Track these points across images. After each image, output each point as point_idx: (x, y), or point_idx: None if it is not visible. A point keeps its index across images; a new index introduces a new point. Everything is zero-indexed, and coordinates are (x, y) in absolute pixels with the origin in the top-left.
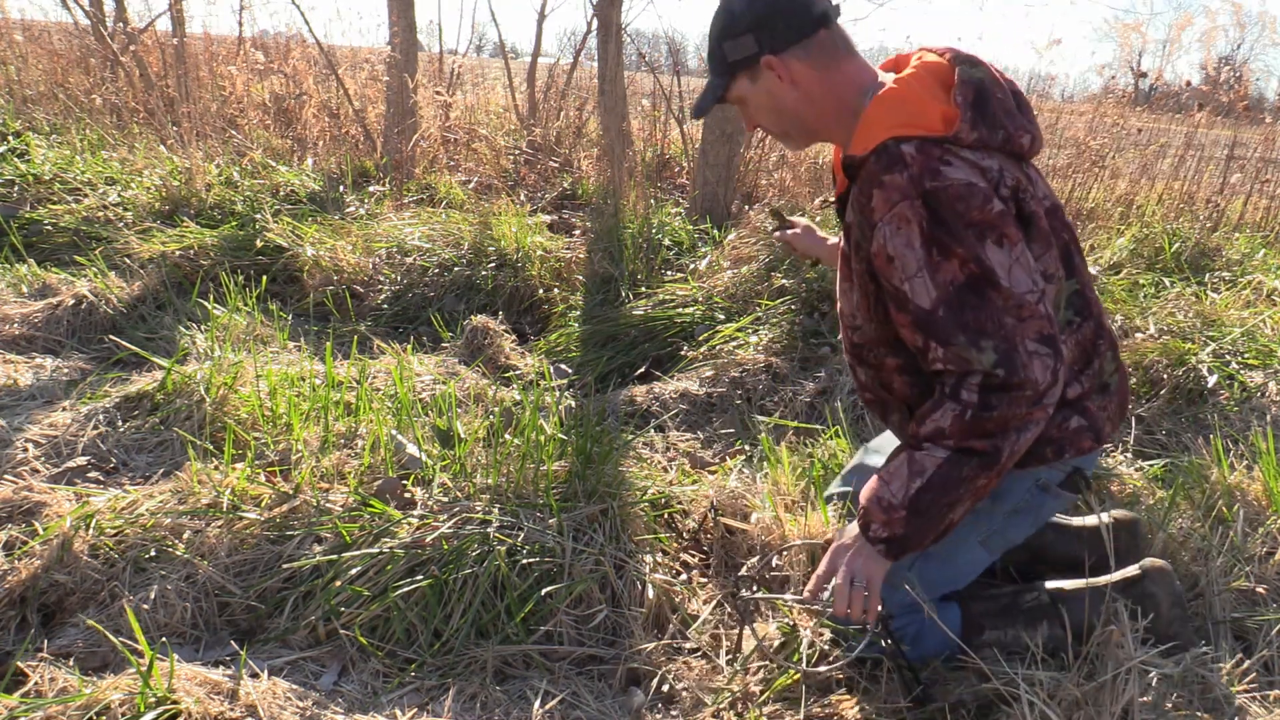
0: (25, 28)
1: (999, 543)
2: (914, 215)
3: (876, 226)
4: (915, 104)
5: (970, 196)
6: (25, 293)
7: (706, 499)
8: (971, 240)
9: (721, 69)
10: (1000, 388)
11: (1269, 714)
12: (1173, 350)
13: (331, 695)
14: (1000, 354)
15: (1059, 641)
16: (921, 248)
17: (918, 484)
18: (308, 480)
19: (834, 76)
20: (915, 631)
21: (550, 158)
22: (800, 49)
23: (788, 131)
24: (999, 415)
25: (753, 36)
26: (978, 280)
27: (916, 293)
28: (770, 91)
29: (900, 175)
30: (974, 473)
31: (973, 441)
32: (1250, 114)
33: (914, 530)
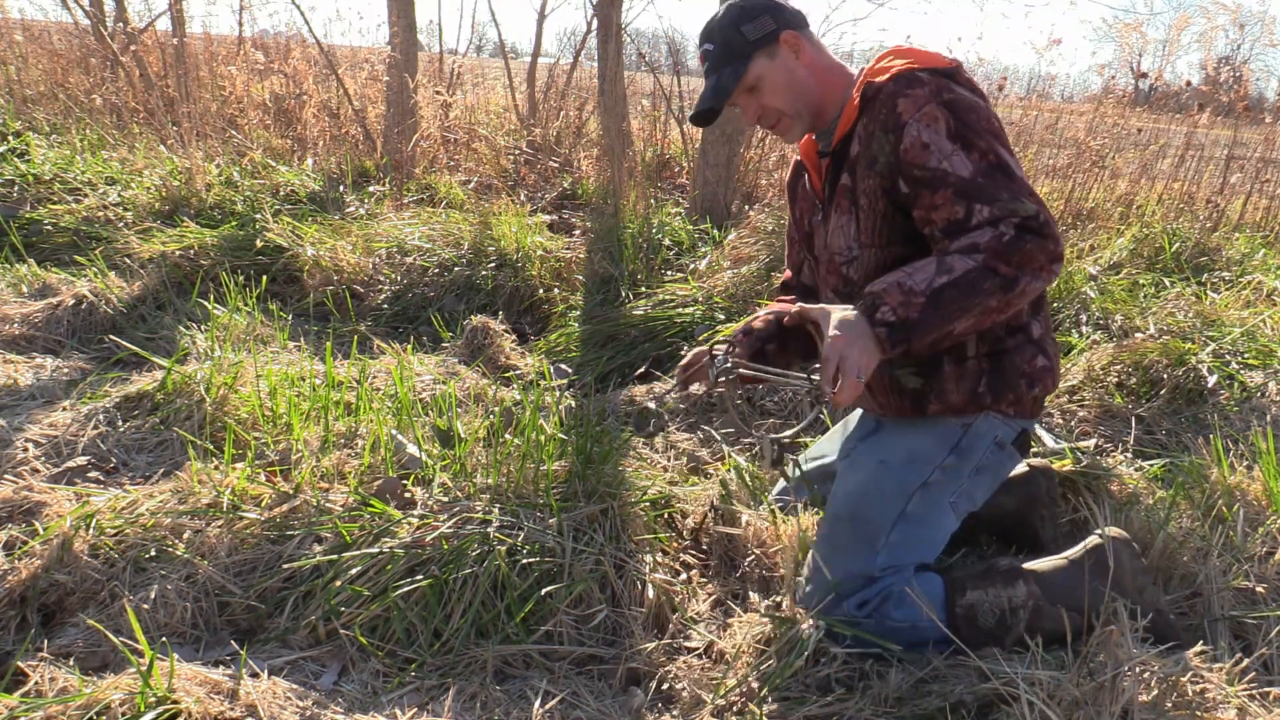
0: (25, 28)
1: (965, 504)
2: (940, 114)
3: (906, 126)
4: (920, 53)
5: (978, 109)
6: (25, 293)
7: (707, 499)
8: (989, 138)
9: (742, 51)
10: (1036, 230)
11: (1269, 714)
12: (1173, 350)
13: (331, 695)
14: (1037, 208)
15: (1038, 602)
16: (950, 139)
17: (944, 279)
18: (308, 480)
19: (830, 61)
20: (900, 591)
21: (550, 158)
22: (805, 32)
23: (798, 110)
24: (1028, 249)
25: (769, 16)
26: (1000, 165)
27: (956, 165)
28: (787, 66)
29: (920, 89)
30: (992, 289)
31: (1000, 263)
32: (1250, 114)
33: (925, 319)
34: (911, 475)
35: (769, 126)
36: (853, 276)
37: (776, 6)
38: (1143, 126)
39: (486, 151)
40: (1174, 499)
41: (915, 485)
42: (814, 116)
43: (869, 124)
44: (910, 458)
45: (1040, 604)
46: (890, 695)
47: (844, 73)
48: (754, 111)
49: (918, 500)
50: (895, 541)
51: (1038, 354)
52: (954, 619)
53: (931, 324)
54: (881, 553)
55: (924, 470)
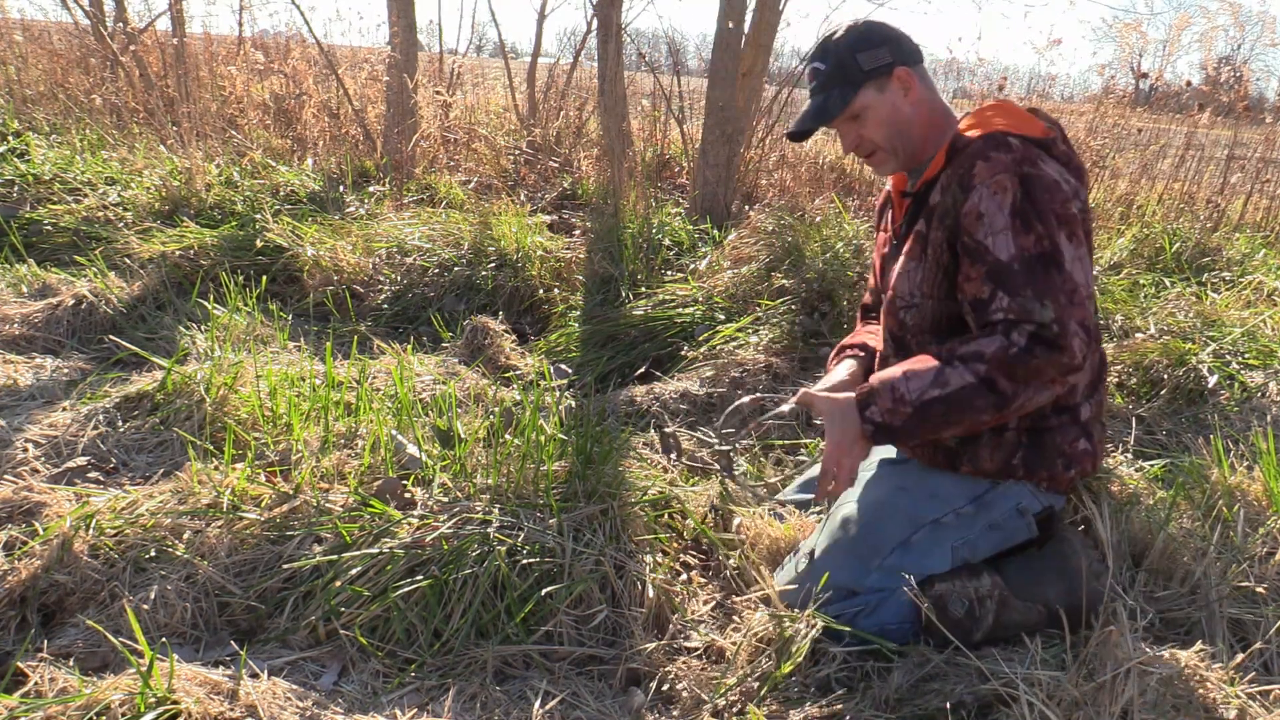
0: (25, 28)
1: (965, 553)
2: (1010, 186)
3: (974, 188)
4: (1019, 115)
5: (1057, 190)
6: (25, 293)
7: (707, 499)
8: (1052, 224)
9: (854, 78)
10: (1047, 342)
11: (1269, 714)
12: (1173, 350)
13: (331, 695)
14: (1056, 316)
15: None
16: (1009, 214)
17: (935, 393)
18: (308, 480)
19: (939, 102)
20: (877, 602)
21: (550, 158)
22: (919, 69)
23: (895, 147)
24: (1035, 365)
25: (888, 49)
26: (1047, 257)
27: (998, 246)
28: (894, 102)
29: (1004, 155)
30: (984, 407)
31: (1001, 377)
32: (1250, 114)
33: (908, 428)
34: (927, 509)
35: (863, 156)
36: (909, 323)
37: (897, 39)
38: (1143, 126)
39: (486, 151)
40: (1174, 499)
41: (927, 520)
42: (909, 155)
43: (950, 176)
44: (930, 493)
45: (1005, 595)
46: (890, 695)
47: (948, 116)
48: (852, 140)
49: (925, 534)
50: (891, 565)
51: (1081, 436)
52: (923, 611)
53: (915, 433)
54: (875, 573)
55: (940, 509)
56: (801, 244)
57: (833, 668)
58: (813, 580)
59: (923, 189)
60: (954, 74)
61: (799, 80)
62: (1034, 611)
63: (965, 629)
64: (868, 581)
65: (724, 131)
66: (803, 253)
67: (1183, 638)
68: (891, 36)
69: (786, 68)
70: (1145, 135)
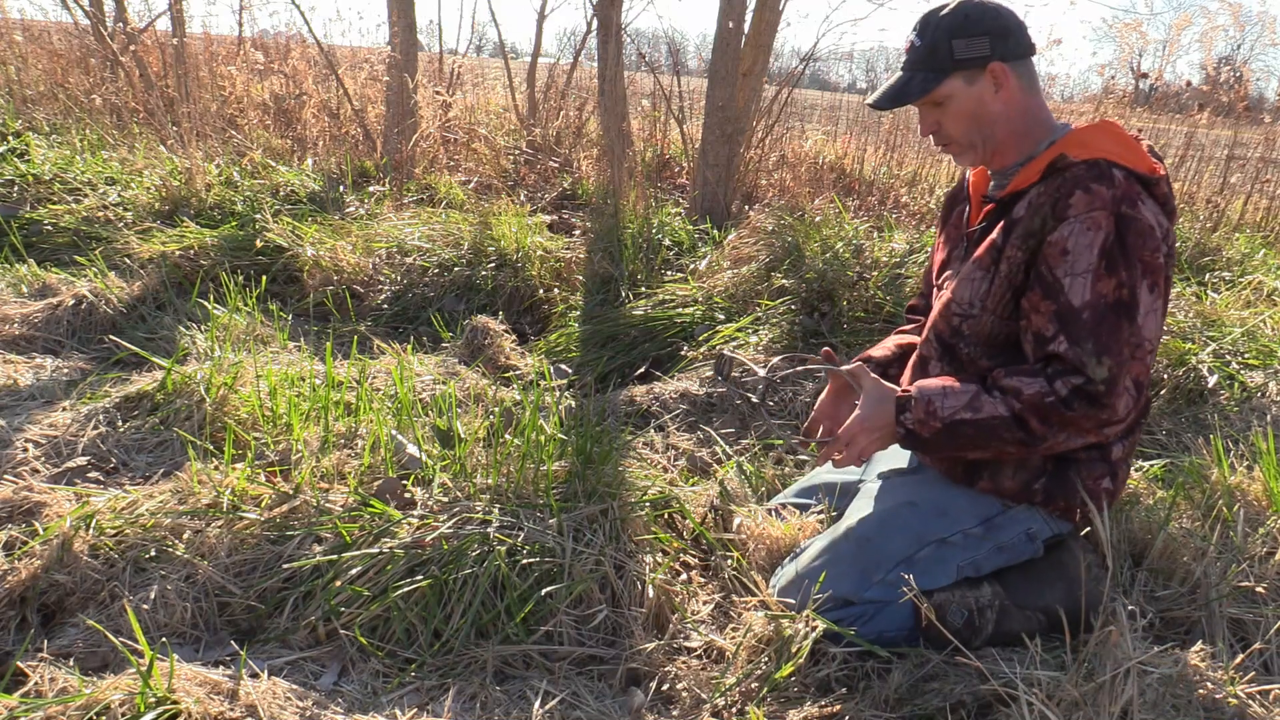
0: (25, 28)
1: (969, 572)
2: (1106, 226)
3: (1067, 220)
4: (1129, 143)
5: (1150, 237)
6: (25, 293)
7: (707, 499)
8: (1137, 273)
9: (943, 64)
10: (1091, 399)
11: (1269, 713)
12: (1173, 350)
13: (331, 695)
14: (1110, 375)
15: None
16: (1098, 255)
17: (967, 415)
18: (308, 480)
19: (1034, 101)
20: (874, 612)
21: (550, 158)
22: (1021, 65)
23: (974, 142)
24: (1070, 417)
25: (988, 40)
26: (1123, 307)
27: (1074, 289)
28: (981, 97)
29: (1106, 190)
30: (1011, 440)
31: (1034, 419)
32: (1250, 114)
33: (935, 443)
34: (934, 526)
35: (940, 145)
36: (964, 331)
37: (1003, 31)
38: (1143, 126)
39: (486, 151)
40: (1174, 499)
41: (933, 538)
42: (991, 154)
43: (1042, 195)
44: (940, 510)
45: (1006, 604)
46: (890, 695)
47: (1044, 122)
48: (930, 125)
49: (930, 551)
50: (892, 580)
51: (1106, 475)
52: (922, 620)
53: (940, 448)
54: (876, 586)
55: (948, 528)
56: (801, 244)
57: (832, 668)
58: (808, 588)
59: (1008, 198)
60: None
61: (799, 80)
62: (1034, 619)
63: (964, 639)
64: (867, 594)
65: (724, 131)
66: (803, 253)
67: (1183, 637)
68: (998, 26)
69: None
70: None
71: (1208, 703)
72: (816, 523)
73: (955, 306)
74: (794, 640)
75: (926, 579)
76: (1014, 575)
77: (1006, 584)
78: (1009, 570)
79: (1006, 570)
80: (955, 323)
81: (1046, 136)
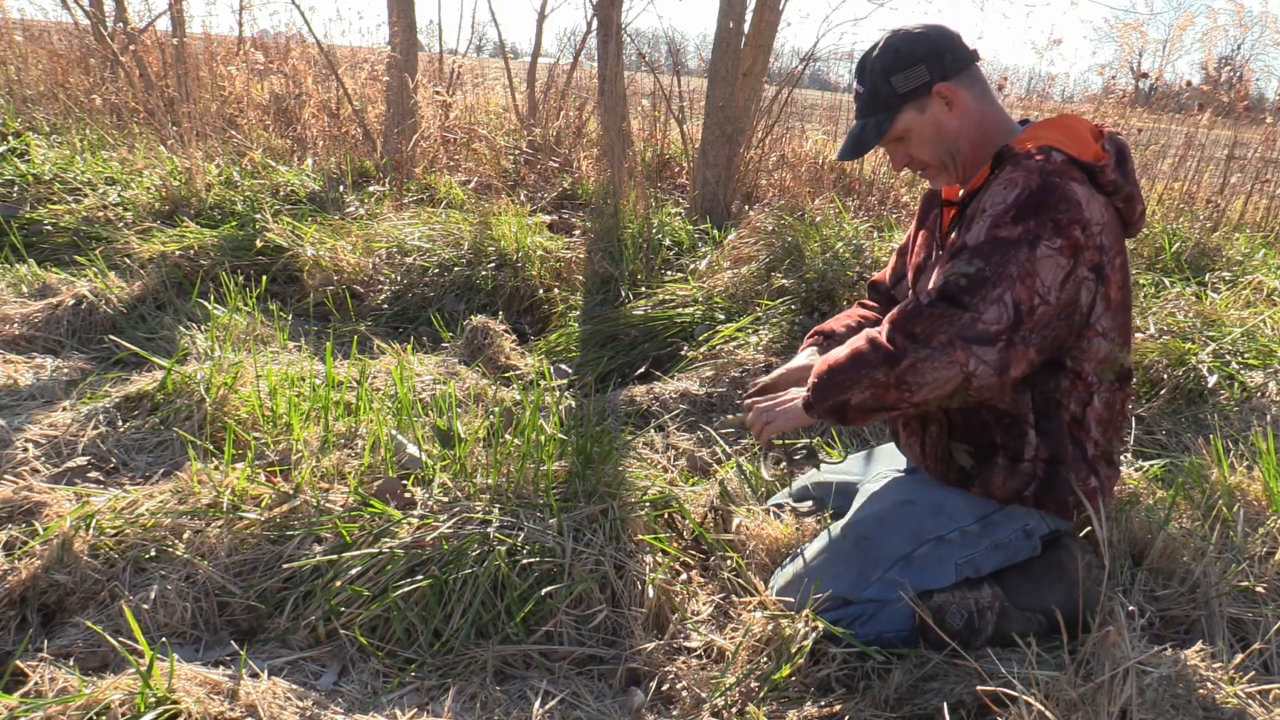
0: (25, 28)
1: (968, 571)
2: (1024, 183)
3: (991, 186)
4: (1078, 135)
5: (1073, 207)
6: (25, 293)
7: (707, 499)
8: (1047, 226)
9: (890, 103)
10: (950, 295)
11: (1268, 713)
12: (1173, 350)
13: (331, 695)
14: (976, 273)
15: (1004, 604)
16: (1007, 205)
17: (832, 359)
18: (308, 480)
19: (989, 108)
20: (873, 611)
21: (550, 158)
22: (966, 77)
23: (944, 162)
24: (928, 317)
25: (925, 66)
26: (1020, 240)
27: (971, 232)
28: (937, 120)
29: (1034, 162)
30: (876, 362)
31: (898, 335)
32: (1250, 114)
33: (819, 398)
34: (931, 524)
35: (918, 171)
36: None
37: (937, 53)
38: (1143, 126)
39: (486, 151)
40: (1174, 499)
41: (930, 535)
42: (963, 167)
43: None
44: (936, 509)
45: (1005, 605)
46: (890, 695)
47: (1002, 125)
48: (901, 159)
49: (928, 550)
50: (890, 579)
51: (1091, 475)
52: (921, 621)
53: (825, 394)
54: (875, 585)
55: (945, 525)
56: (801, 244)
57: (832, 668)
58: (807, 588)
59: (967, 198)
60: None
61: (799, 80)
62: (1034, 621)
63: (964, 640)
64: (866, 593)
65: (724, 131)
66: (803, 253)
67: (1182, 637)
68: (929, 50)
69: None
70: (1145, 135)
71: (1207, 703)
72: (815, 523)
73: None
74: (794, 640)
75: (925, 577)
76: (1014, 576)
77: (1006, 585)
78: (1008, 571)
79: (1006, 571)
80: None
81: (1007, 136)
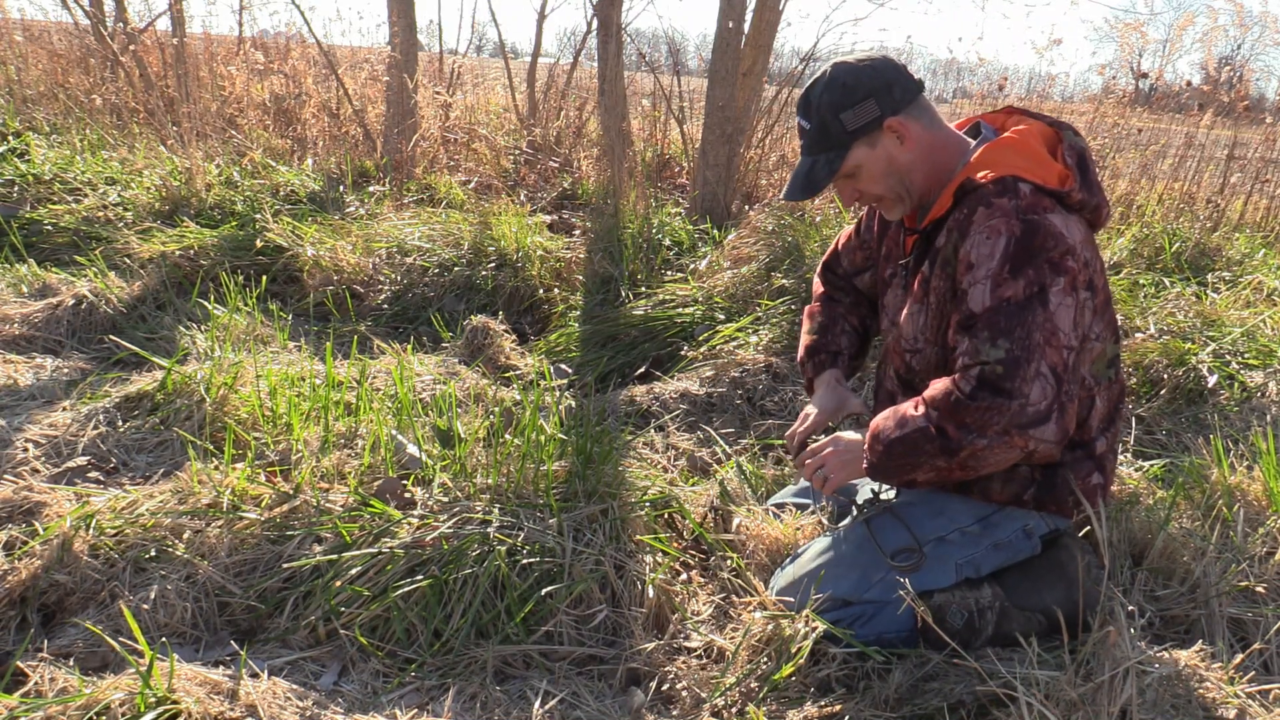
0: (25, 28)
1: (969, 571)
2: (1007, 231)
3: (970, 234)
4: (1037, 156)
5: (1059, 241)
6: (25, 293)
7: (707, 499)
8: (1045, 271)
9: (839, 140)
10: (991, 385)
11: (1269, 713)
12: (1173, 350)
13: (331, 695)
14: (1008, 356)
15: (1004, 604)
16: (999, 260)
17: (896, 434)
18: (308, 480)
19: (939, 134)
20: (873, 612)
21: (550, 158)
22: (914, 108)
23: (899, 195)
24: (978, 410)
25: (874, 101)
26: (1031, 299)
27: (973, 297)
28: (889, 154)
29: (1009, 201)
30: (934, 451)
31: (948, 424)
32: (1251, 114)
33: (882, 468)
34: (931, 526)
35: (868, 205)
36: (915, 367)
37: (886, 86)
38: (1143, 126)
39: (486, 151)
40: (1174, 499)
41: (931, 536)
42: (918, 197)
43: (955, 220)
44: (937, 510)
45: (1005, 605)
46: (890, 695)
47: (954, 146)
48: (850, 195)
49: (928, 551)
50: (892, 580)
51: (1094, 471)
52: (921, 621)
53: (888, 473)
54: (876, 586)
55: (945, 526)
56: (801, 244)
57: (832, 668)
58: (810, 586)
59: (930, 227)
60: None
61: (798, 80)
62: (1034, 620)
63: (964, 640)
64: (866, 595)
65: (724, 131)
66: (803, 253)
67: (1182, 637)
68: (878, 84)
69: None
70: (1145, 135)
71: (1207, 703)
72: (816, 523)
73: (905, 343)
74: (794, 640)
75: (926, 578)
76: (1014, 576)
77: (1006, 585)
78: (1009, 571)
79: (1006, 571)
80: (907, 359)
81: (959, 158)
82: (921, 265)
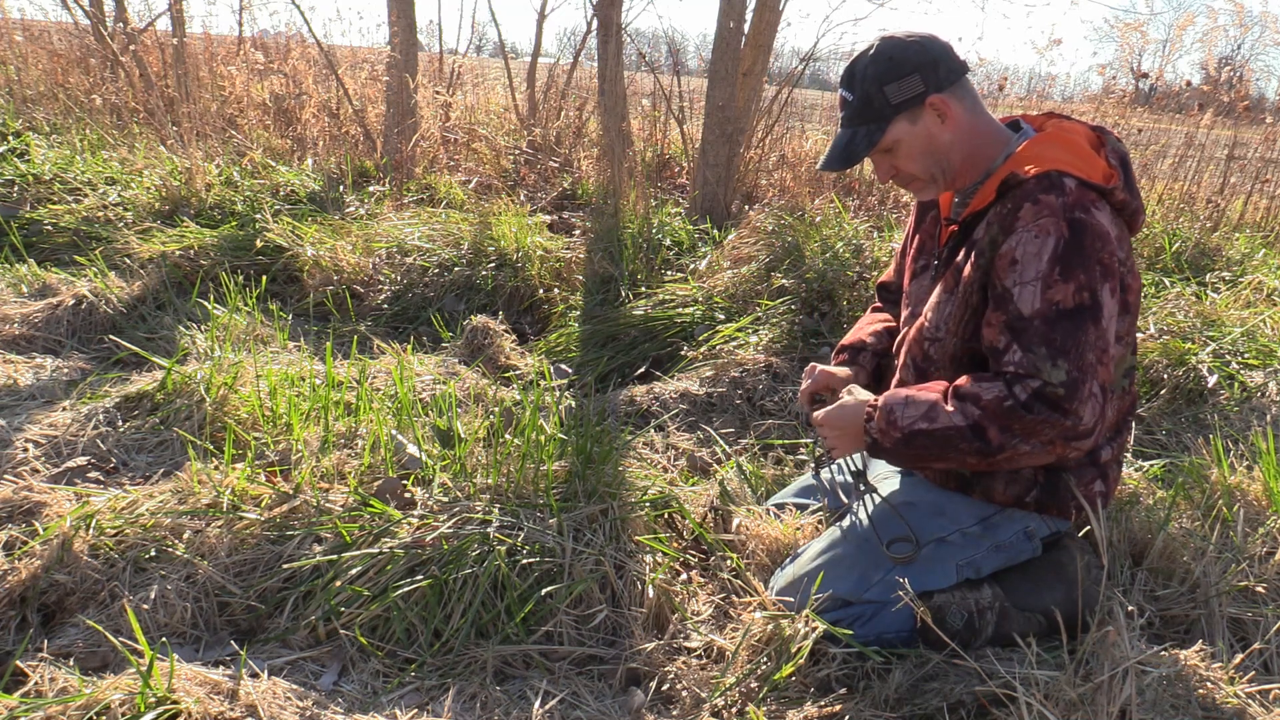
0: (25, 28)
1: (969, 572)
2: (1055, 231)
3: (1015, 231)
4: (1082, 152)
5: (1107, 241)
6: (25, 293)
7: (707, 499)
8: (1096, 275)
9: (881, 113)
10: (1051, 403)
11: (1268, 713)
12: (1173, 350)
13: (331, 695)
14: (1069, 378)
15: (1004, 604)
16: (1048, 262)
17: (923, 426)
18: (308, 480)
19: (981, 119)
20: (873, 612)
21: (550, 158)
22: (959, 88)
23: (934, 175)
24: (1031, 421)
25: (919, 76)
26: (1084, 310)
27: (1023, 298)
28: (929, 132)
29: (1055, 198)
30: (969, 450)
31: (991, 426)
32: (1250, 114)
33: (895, 453)
34: (932, 526)
35: (901, 185)
36: (933, 355)
37: (932, 63)
38: (1143, 126)
39: (486, 151)
40: (1174, 499)
41: (931, 537)
42: (952, 180)
43: (997, 213)
44: (937, 510)
45: (1005, 606)
46: (890, 695)
47: (994, 136)
48: (886, 171)
49: (929, 552)
50: (892, 580)
51: (1097, 478)
52: (921, 622)
53: (902, 458)
54: (875, 586)
55: (946, 527)
56: (801, 244)
57: (832, 668)
58: (810, 586)
59: (969, 219)
60: None
61: (798, 80)
62: (1033, 621)
63: (964, 641)
64: (866, 595)
65: (724, 131)
66: (803, 253)
67: (1182, 637)
68: (926, 60)
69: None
70: (1145, 135)
71: (1207, 702)
72: (816, 523)
73: (927, 331)
74: (794, 640)
75: (926, 578)
76: (1014, 577)
77: (1006, 585)
78: (1009, 572)
79: (1006, 572)
80: (926, 347)
81: (1002, 150)
82: (956, 256)
